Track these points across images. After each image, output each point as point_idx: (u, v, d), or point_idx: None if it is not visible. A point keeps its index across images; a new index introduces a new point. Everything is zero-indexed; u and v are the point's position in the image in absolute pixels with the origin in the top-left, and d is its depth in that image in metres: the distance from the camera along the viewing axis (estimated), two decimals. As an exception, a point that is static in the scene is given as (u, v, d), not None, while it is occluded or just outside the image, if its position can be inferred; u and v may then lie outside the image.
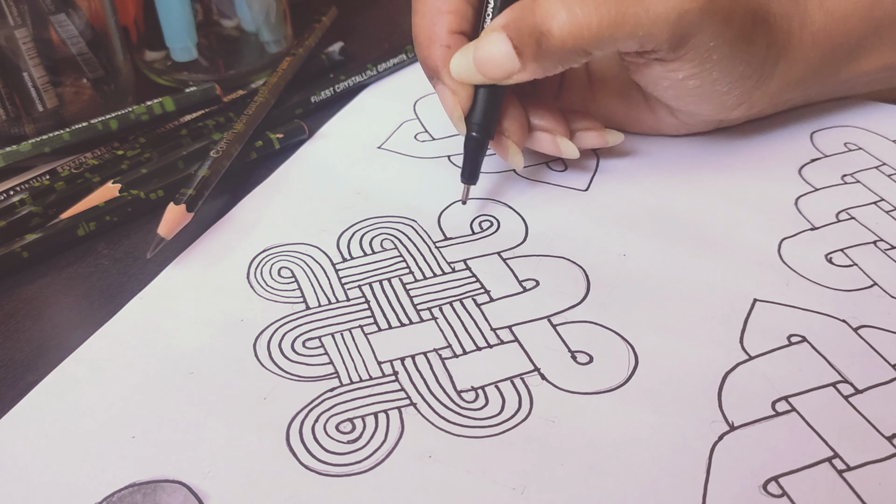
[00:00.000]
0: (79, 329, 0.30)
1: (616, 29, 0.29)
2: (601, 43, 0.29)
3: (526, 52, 0.29)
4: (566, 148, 0.35)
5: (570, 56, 0.30)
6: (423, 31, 0.33)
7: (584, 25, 0.29)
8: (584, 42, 0.29)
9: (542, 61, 0.30)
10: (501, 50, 0.30)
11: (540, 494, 0.24)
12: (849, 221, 0.34)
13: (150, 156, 0.39)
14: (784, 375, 0.27)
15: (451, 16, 0.32)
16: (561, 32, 0.29)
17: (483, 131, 0.33)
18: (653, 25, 0.29)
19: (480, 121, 0.33)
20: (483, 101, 0.32)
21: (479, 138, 0.33)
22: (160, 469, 0.25)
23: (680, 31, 0.30)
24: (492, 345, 0.29)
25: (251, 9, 0.45)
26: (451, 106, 0.32)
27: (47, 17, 0.38)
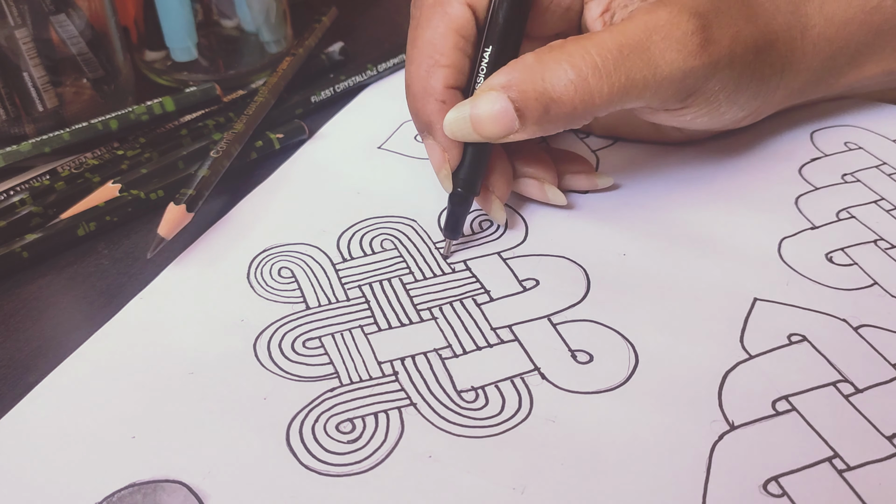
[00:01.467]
0: (79, 329, 0.30)
1: (626, 94, 0.28)
2: (609, 107, 0.29)
3: (529, 116, 0.28)
4: (553, 196, 0.34)
5: (574, 120, 0.29)
6: (417, 82, 0.32)
7: (596, 93, 0.28)
8: (593, 108, 0.29)
9: (546, 125, 0.29)
10: (500, 110, 0.29)
11: (540, 494, 0.24)
12: (849, 220, 0.34)
13: (150, 156, 0.39)
14: (784, 375, 0.27)
15: (448, 70, 0.31)
16: (572, 101, 0.28)
17: (468, 188, 0.32)
18: (659, 87, 0.29)
19: (467, 177, 0.32)
20: (471, 158, 0.32)
21: (464, 195, 0.32)
22: (160, 469, 0.25)
23: (686, 89, 0.30)
24: (492, 344, 0.29)
25: (251, 9, 0.45)
26: (438, 162, 0.32)
27: (47, 17, 0.38)
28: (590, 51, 0.28)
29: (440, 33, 0.31)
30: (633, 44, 0.28)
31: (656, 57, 0.28)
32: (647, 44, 0.28)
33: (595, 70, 0.28)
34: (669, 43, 0.28)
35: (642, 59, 0.28)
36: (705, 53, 0.29)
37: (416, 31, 0.32)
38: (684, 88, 0.29)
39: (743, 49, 0.30)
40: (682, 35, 0.28)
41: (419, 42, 0.31)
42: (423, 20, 0.31)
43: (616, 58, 0.28)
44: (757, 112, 0.34)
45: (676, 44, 0.28)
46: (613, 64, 0.28)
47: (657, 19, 0.29)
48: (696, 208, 0.35)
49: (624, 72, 0.28)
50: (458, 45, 0.31)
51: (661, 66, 0.28)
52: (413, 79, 0.32)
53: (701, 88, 0.30)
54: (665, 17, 0.29)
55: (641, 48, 0.28)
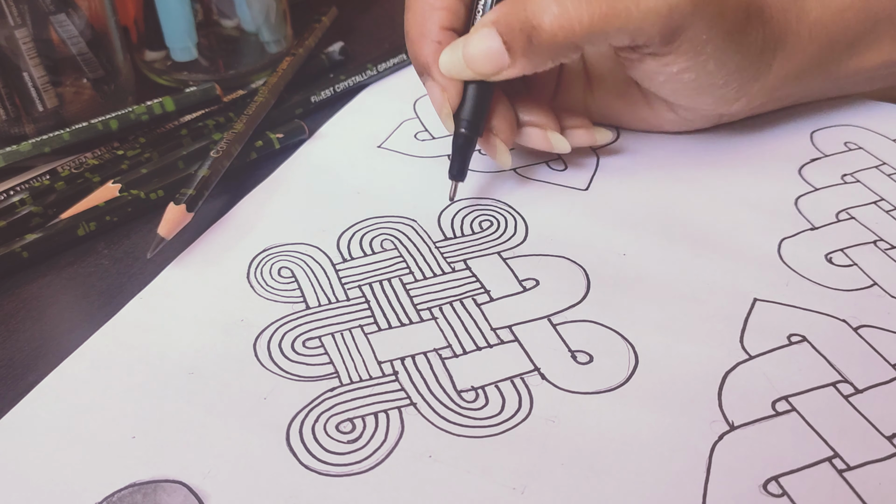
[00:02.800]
0: (79, 329, 0.30)
1: (607, 23, 0.29)
2: (592, 38, 0.29)
3: (515, 48, 0.29)
4: (557, 142, 0.35)
5: (560, 51, 0.30)
6: (414, 27, 0.33)
7: (575, 20, 0.29)
8: (574, 37, 0.29)
9: (532, 57, 0.30)
10: (491, 45, 0.30)
11: (540, 494, 0.24)
12: (849, 221, 0.34)
13: (150, 156, 0.39)
14: (784, 375, 0.27)
15: (443, 12, 0.32)
16: (551, 27, 0.29)
17: (471, 128, 0.33)
18: (643, 19, 0.29)
19: (469, 118, 0.33)
20: (472, 98, 0.32)
21: (467, 135, 0.33)
22: (160, 469, 0.25)
23: (671, 25, 0.29)
24: (492, 345, 0.29)
25: (251, 9, 0.45)
26: (439, 102, 0.32)
27: (47, 17, 0.38)
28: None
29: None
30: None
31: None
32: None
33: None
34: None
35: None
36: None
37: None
38: (669, 25, 0.29)
39: (735, 4, 0.31)
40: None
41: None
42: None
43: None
44: (752, 95, 0.34)
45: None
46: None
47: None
48: (697, 208, 0.35)
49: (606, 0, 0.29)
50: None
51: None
52: (411, 24, 0.33)
53: (687, 29, 0.30)
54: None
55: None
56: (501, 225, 0.35)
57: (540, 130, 0.35)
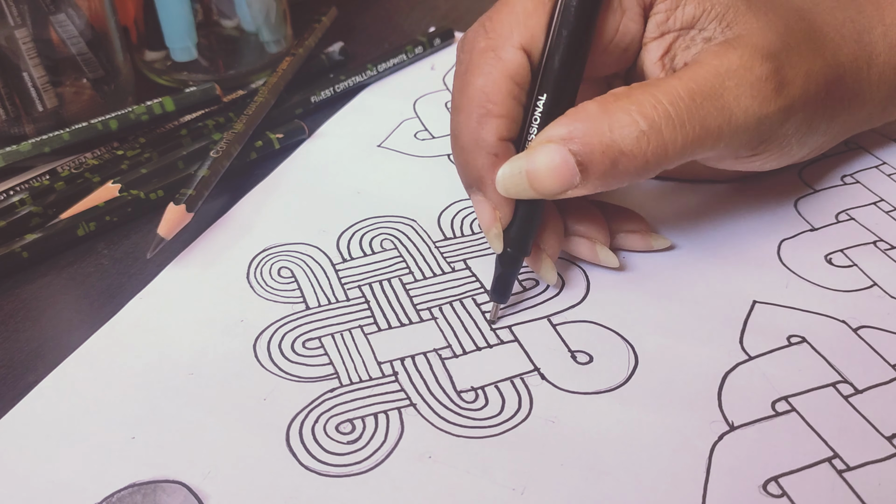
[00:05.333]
0: (79, 329, 0.30)
1: (700, 145, 0.26)
2: (681, 159, 0.27)
3: (594, 171, 0.26)
4: (605, 257, 0.31)
5: (643, 175, 0.27)
6: (467, 133, 0.28)
7: (669, 144, 0.26)
8: (665, 161, 0.26)
9: (611, 180, 0.26)
10: (560, 163, 0.26)
11: (540, 494, 0.24)
12: (848, 222, 0.34)
13: (150, 156, 0.39)
14: (784, 375, 0.27)
15: (501, 120, 0.28)
16: (643, 153, 0.26)
17: (519, 249, 0.29)
18: (734, 135, 0.27)
19: (517, 237, 0.29)
20: (522, 216, 0.29)
21: (514, 256, 0.29)
22: (160, 469, 0.25)
23: (760, 135, 0.28)
24: (492, 345, 0.29)
25: (251, 9, 0.45)
26: (489, 221, 0.29)
27: (47, 17, 0.38)
28: (661, 100, 0.26)
29: (493, 80, 0.28)
30: (705, 91, 0.26)
31: (731, 104, 0.26)
32: (721, 90, 0.26)
33: (668, 120, 0.26)
34: (743, 89, 0.26)
35: (716, 107, 0.26)
36: (780, 97, 0.27)
37: (466, 76, 0.28)
38: (759, 135, 0.28)
39: (815, 87, 0.29)
40: (755, 80, 0.27)
41: (469, 89, 0.28)
42: (473, 65, 0.28)
43: (689, 106, 0.26)
44: (819, 148, 0.32)
45: (751, 89, 0.26)
46: (687, 113, 0.26)
47: (728, 63, 0.27)
48: (696, 209, 0.35)
49: (698, 121, 0.26)
50: (512, 93, 0.28)
51: (736, 113, 0.26)
52: (462, 129, 0.28)
53: (776, 133, 0.28)
54: (736, 60, 0.27)
55: (714, 95, 0.26)
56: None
57: (588, 242, 0.31)
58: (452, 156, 0.30)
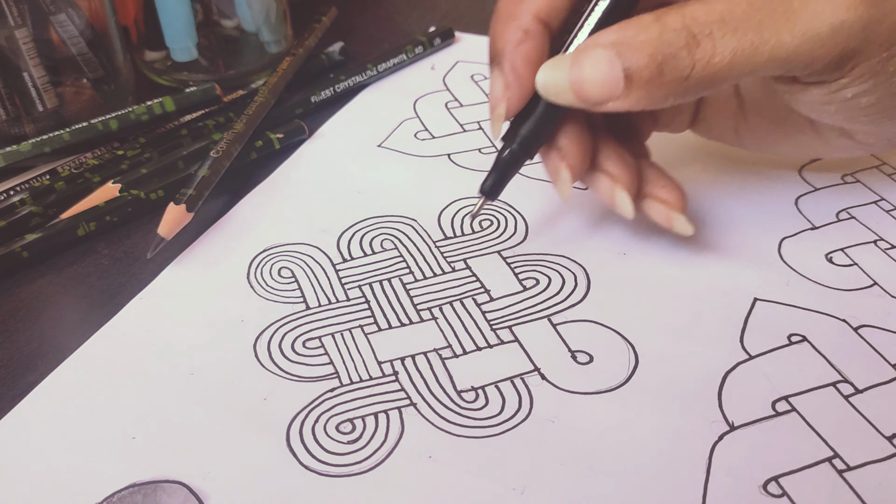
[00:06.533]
0: (79, 329, 0.30)
1: (755, 56, 0.24)
2: (735, 74, 0.24)
3: (638, 79, 0.24)
4: (622, 203, 0.29)
5: (692, 90, 0.25)
6: (506, 4, 0.28)
7: (719, 50, 0.24)
8: (715, 72, 0.24)
9: (655, 92, 0.25)
10: (606, 69, 0.24)
11: (540, 494, 0.24)
12: (849, 221, 0.34)
13: (150, 156, 0.39)
14: (784, 375, 0.27)
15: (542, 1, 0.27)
16: (692, 60, 0.24)
17: (524, 147, 0.27)
18: (800, 47, 0.24)
19: (527, 133, 0.27)
20: (539, 115, 0.27)
21: (517, 154, 0.28)
22: (160, 469, 0.25)
23: (838, 48, 0.24)
24: (492, 345, 0.29)
25: (251, 9, 0.45)
26: (497, 98, 0.27)
27: (47, 17, 0.38)
28: (714, 5, 0.24)
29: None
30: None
31: (796, 7, 0.24)
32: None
33: (720, 23, 0.23)
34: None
35: (780, 10, 0.24)
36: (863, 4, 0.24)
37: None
38: (834, 50, 0.24)
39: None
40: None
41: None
42: None
43: (746, 9, 0.24)
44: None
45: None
46: (742, 15, 0.23)
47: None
48: (697, 208, 0.35)
49: (754, 25, 0.23)
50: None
51: (804, 17, 0.23)
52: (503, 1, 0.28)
53: (862, 50, 0.24)
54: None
55: None
56: (501, 224, 0.35)
57: (609, 181, 0.29)
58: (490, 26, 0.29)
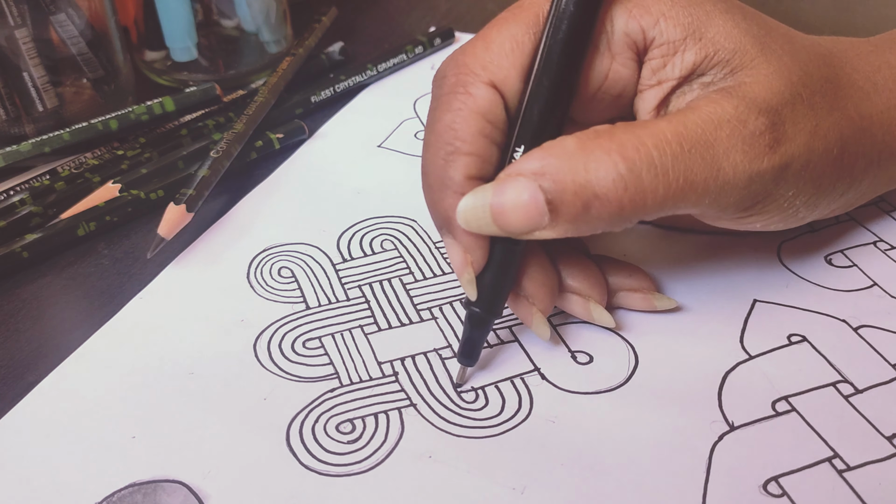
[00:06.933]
0: (79, 329, 0.30)
1: (682, 198, 0.24)
2: (661, 212, 0.24)
3: (564, 212, 0.23)
4: (599, 316, 0.29)
5: (618, 223, 0.24)
6: (434, 171, 0.26)
7: (649, 192, 0.23)
8: (643, 211, 0.24)
9: (581, 224, 0.24)
10: (530, 200, 0.23)
11: (540, 494, 0.24)
12: (848, 222, 0.34)
13: (150, 156, 0.39)
14: (784, 375, 0.27)
15: (470, 158, 0.26)
16: (619, 200, 0.23)
17: (489, 307, 0.27)
18: (721, 192, 0.24)
19: (488, 295, 0.26)
20: (495, 267, 0.26)
21: (483, 317, 0.27)
22: (160, 469, 0.25)
23: (751, 195, 0.25)
24: (492, 345, 0.29)
25: (251, 9, 0.45)
26: (460, 266, 0.26)
27: (47, 17, 0.38)
28: (645, 142, 0.23)
29: (462, 117, 0.26)
30: (695, 139, 0.24)
31: (720, 157, 0.24)
32: (711, 140, 0.24)
33: (650, 166, 0.23)
34: (735, 142, 0.24)
35: (704, 158, 0.24)
36: (775, 155, 0.25)
37: (435, 113, 0.27)
38: (749, 195, 0.25)
39: (824, 145, 0.26)
40: (749, 134, 0.24)
41: (437, 126, 0.26)
42: (442, 101, 0.27)
43: (675, 153, 0.24)
44: (844, 206, 0.30)
45: (742, 144, 0.24)
46: (672, 160, 0.23)
47: (722, 112, 0.24)
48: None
49: (682, 171, 0.24)
50: (482, 131, 0.26)
51: (725, 167, 0.24)
52: (429, 167, 0.27)
53: (770, 194, 0.25)
54: (731, 110, 0.24)
55: (704, 145, 0.24)
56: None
57: (580, 299, 0.29)
58: (424, 196, 0.27)
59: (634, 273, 0.30)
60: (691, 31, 0.25)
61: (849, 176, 0.28)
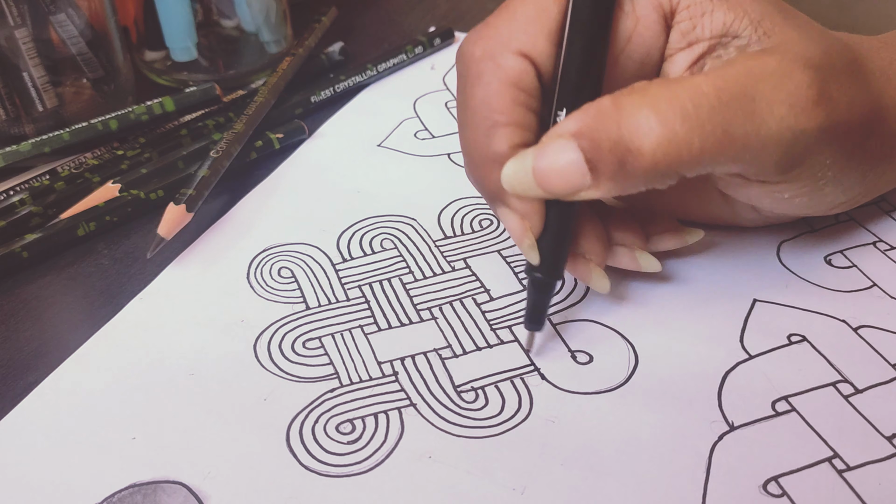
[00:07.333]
0: (79, 329, 0.30)
1: (720, 152, 0.23)
2: (699, 167, 0.24)
3: (602, 170, 0.23)
4: (647, 263, 0.29)
5: (657, 179, 0.24)
6: (476, 148, 0.26)
7: (684, 146, 0.23)
8: (679, 165, 0.23)
9: (622, 182, 0.24)
10: (569, 161, 0.23)
11: (540, 494, 0.24)
12: (848, 222, 0.34)
13: (150, 156, 0.39)
14: (784, 375, 0.27)
15: (511, 129, 0.25)
16: (654, 153, 0.23)
17: (551, 272, 0.27)
18: (763, 149, 0.24)
19: (549, 257, 0.27)
20: (554, 227, 0.26)
21: (546, 280, 0.27)
22: (160, 469, 0.25)
23: (793, 154, 0.24)
24: (492, 344, 0.29)
25: (251, 9, 0.45)
26: (520, 233, 0.26)
27: (47, 17, 0.38)
28: (679, 94, 0.23)
29: (495, 90, 0.26)
30: (735, 91, 0.23)
31: (762, 110, 0.23)
32: (753, 93, 0.23)
33: (685, 118, 0.23)
34: (780, 94, 0.23)
35: (745, 111, 0.23)
36: (822, 113, 0.24)
37: (466, 89, 0.26)
38: (792, 155, 0.24)
39: (860, 118, 0.25)
40: (795, 87, 0.24)
41: (472, 102, 0.26)
42: (471, 76, 0.26)
43: (713, 105, 0.23)
44: (856, 199, 0.29)
45: (788, 97, 0.23)
46: (709, 112, 0.23)
47: (764, 66, 0.24)
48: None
49: (721, 123, 0.23)
50: (518, 100, 0.26)
51: (769, 122, 0.23)
52: (471, 144, 0.26)
53: (812, 158, 0.25)
54: (774, 64, 0.24)
55: (745, 97, 0.23)
56: (501, 224, 0.35)
57: (628, 250, 0.29)
58: (468, 175, 0.28)
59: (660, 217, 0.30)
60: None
61: (870, 159, 0.27)
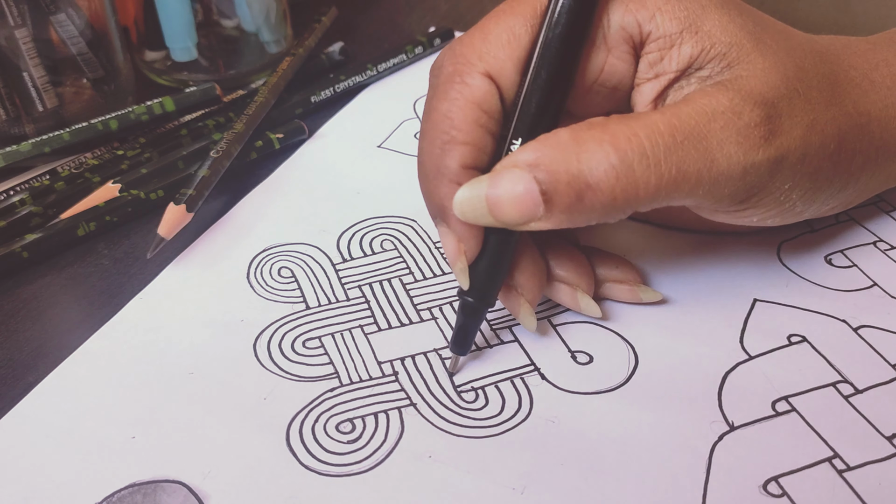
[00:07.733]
0: (79, 329, 0.30)
1: (675, 189, 0.24)
2: (654, 203, 0.24)
3: (558, 202, 0.24)
4: (587, 306, 0.29)
5: (611, 213, 0.24)
6: (430, 160, 0.26)
7: (641, 183, 0.23)
8: (636, 201, 0.24)
9: (576, 214, 0.24)
10: (524, 191, 0.24)
11: (540, 494, 0.24)
12: (848, 223, 0.34)
13: (150, 156, 0.39)
14: (784, 375, 0.27)
15: (465, 147, 0.26)
16: (612, 189, 0.23)
17: (482, 297, 0.27)
18: (715, 183, 0.24)
19: (482, 283, 0.27)
20: (489, 256, 0.26)
21: (476, 305, 0.27)
22: (160, 469, 0.25)
23: (746, 187, 0.25)
24: (492, 345, 0.29)
25: (251, 9, 0.45)
26: (453, 254, 0.26)
27: (47, 17, 0.38)
28: (637, 133, 0.24)
29: (458, 106, 0.26)
30: (688, 130, 0.24)
31: (713, 148, 0.24)
32: (705, 132, 0.24)
33: (642, 156, 0.23)
34: (729, 133, 0.24)
35: (697, 150, 0.24)
36: (770, 147, 0.25)
37: (431, 102, 0.27)
38: (744, 187, 0.25)
39: (820, 140, 0.26)
40: (743, 126, 0.24)
41: (433, 115, 0.27)
42: (438, 90, 0.27)
43: (668, 144, 0.24)
44: (846, 203, 0.30)
45: (737, 135, 0.24)
46: (664, 151, 0.24)
47: (717, 104, 0.24)
48: (696, 209, 0.35)
49: (675, 162, 0.24)
50: (478, 121, 0.26)
51: (719, 159, 0.24)
52: (426, 155, 0.27)
53: (766, 187, 0.26)
54: (726, 102, 0.24)
55: (697, 136, 0.24)
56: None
57: (569, 289, 0.29)
58: (419, 185, 0.28)
59: (621, 265, 0.30)
60: (687, 25, 0.26)
61: (846, 172, 0.28)
